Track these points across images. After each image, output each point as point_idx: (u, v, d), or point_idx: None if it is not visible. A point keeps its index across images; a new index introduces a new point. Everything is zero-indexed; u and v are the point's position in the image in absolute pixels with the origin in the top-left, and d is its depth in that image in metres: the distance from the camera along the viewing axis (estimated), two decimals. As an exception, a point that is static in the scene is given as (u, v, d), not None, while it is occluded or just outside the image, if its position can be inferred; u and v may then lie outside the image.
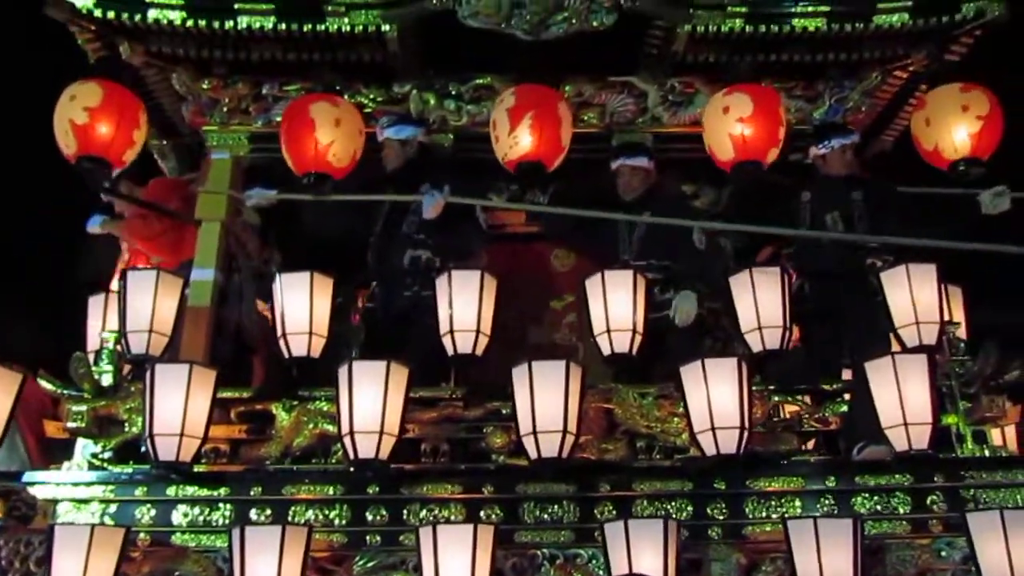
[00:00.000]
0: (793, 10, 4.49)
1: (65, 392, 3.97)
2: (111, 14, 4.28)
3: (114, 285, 4.78)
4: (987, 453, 3.96)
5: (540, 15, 4.41)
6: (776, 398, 4.06)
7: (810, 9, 4.52)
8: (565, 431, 3.62)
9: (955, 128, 4.28)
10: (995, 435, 4.27)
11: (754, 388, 3.95)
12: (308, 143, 4.00)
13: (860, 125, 4.93)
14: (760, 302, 4.03)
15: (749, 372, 3.73)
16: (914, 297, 4.01)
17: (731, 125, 4.09)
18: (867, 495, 3.76)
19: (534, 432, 3.63)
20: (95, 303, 4.59)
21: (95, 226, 4.82)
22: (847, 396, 4.08)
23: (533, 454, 3.65)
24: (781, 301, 4.04)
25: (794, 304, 4.18)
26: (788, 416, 4.06)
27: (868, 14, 4.50)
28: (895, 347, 4.06)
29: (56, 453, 4.21)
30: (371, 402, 3.64)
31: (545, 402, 3.65)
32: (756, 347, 4.03)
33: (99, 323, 4.47)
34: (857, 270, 4.31)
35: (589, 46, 4.59)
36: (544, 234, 4.97)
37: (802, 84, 4.83)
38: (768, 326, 4.01)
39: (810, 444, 4.15)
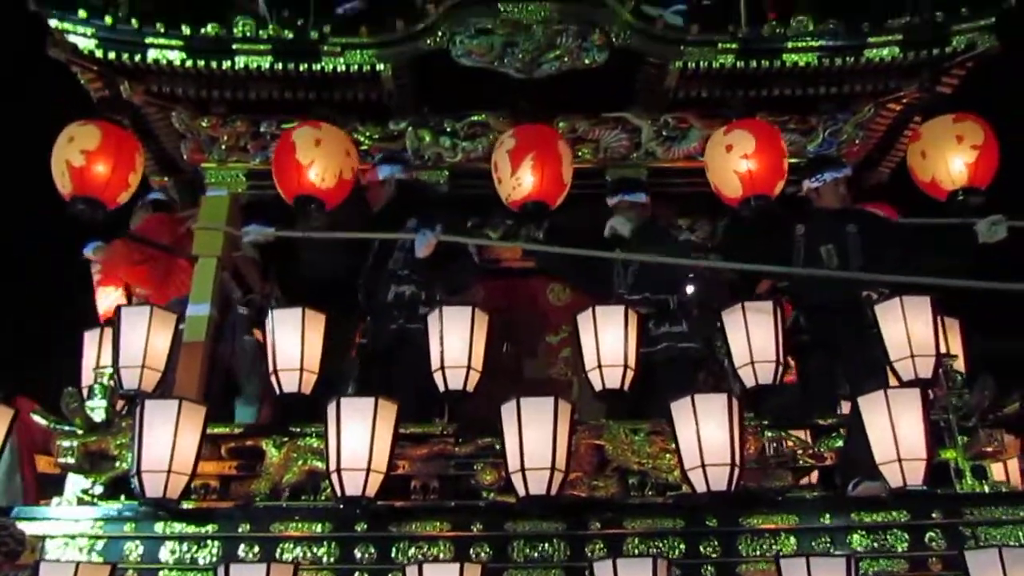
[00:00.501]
0: (784, 45, 4.52)
1: (57, 427, 3.99)
2: (112, 55, 4.38)
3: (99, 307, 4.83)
4: (987, 489, 3.88)
5: (532, 54, 4.49)
6: (769, 433, 4.00)
7: (801, 44, 4.56)
8: (553, 468, 3.58)
9: (951, 158, 4.30)
10: (996, 470, 4.18)
11: (747, 423, 3.93)
12: (290, 167, 4.07)
13: (855, 157, 4.95)
14: (753, 336, 4.01)
15: (741, 408, 3.69)
16: (909, 330, 3.97)
17: (735, 162, 4.12)
18: (863, 532, 3.68)
19: (522, 469, 3.60)
20: (90, 338, 4.62)
21: (90, 252, 4.87)
22: (843, 431, 4.03)
23: (521, 491, 3.60)
24: (774, 335, 4.01)
25: (789, 337, 4.18)
26: (782, 452, 4.00)
27: (859, 48, 4.53)
28: (891, 380, 4.02)
29: (48, 488, 4.21)
30: (359, 439, 3.62)
31: (533, 439, 3.61)
32: (749, 382, 4.00)
33: (94, 358, 4.49)
34: (852, 303, 4.27)
35: (582, 83, 4.64)
36: (539, 269, 4.98)
37: (795, 118, 4.85)
38: (761, 361, 3.98)
39: (809, 479, 4.11)
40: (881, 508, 3.70)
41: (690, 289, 4.64)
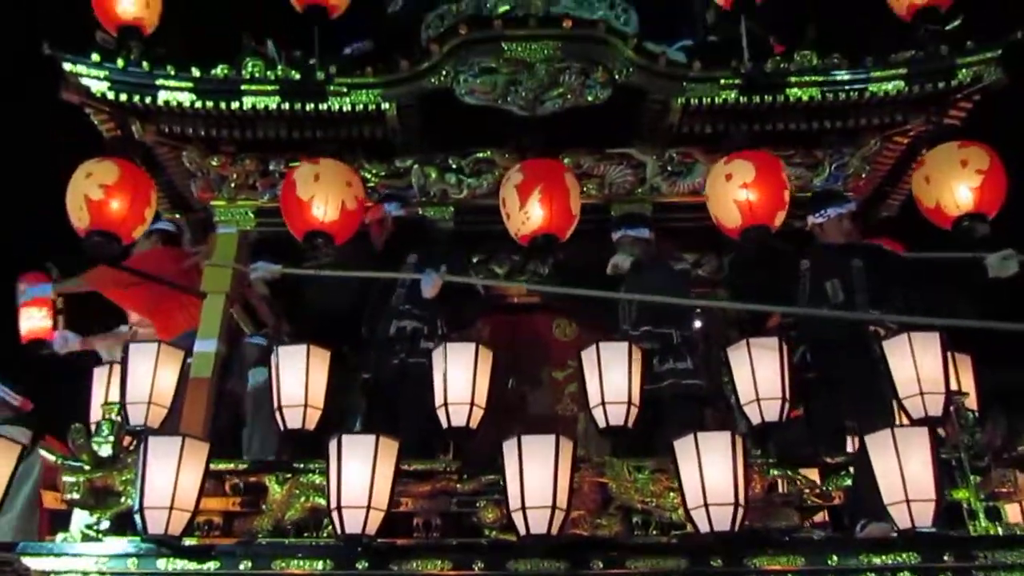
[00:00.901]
0: (787, 80, 4.52)
1: (65, 463, 4.03)
2: (124, 97, 4.48)
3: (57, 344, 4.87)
4: (1000, 531, 3.79)
5: (535, 91, 4.53)
6: (775, 472, 3.94)
7: (804, 79, 4.56)
8: (554, 507, 3.55)
9: (956, 184, 4.25)
10: (1011, 511, 4.08)
11: (753, 461, 3.88)
12: (294, 205, 4.14)
13: (862, 191, 4.92)
14: (758, 373, 3.98)
15: (745, 446, 3.65)
16: (918, 366, 3.89)
17: (735, 192, 4.11)
18: (872, 574, 3.59)
19: (523, 508, 3.57)
20: (99, 374, 4.67)
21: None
22: (851, 469, 3.96)
23: (522, 530, 3.58)
24: (779, 372, 3.98)
25: (796, 373, 4.14)
26: (788, 491, 3.93)
27: (862, 83, 4.52)
28: (900, 418, 3.96)
29: (58, 524, 4.24)
30: (360, 476, 3.61)
31: (534, 477, 3.59)
32: (755, 419, 3.96)
33: (102, 394, 4.54)
34: (859, 338, 4.22)
35: (586, 119, 4.67)
36: (545, 304, 4.98)
37: (800, 151, 4.84)
38: (766, 398, 3.95)
39: (815, 519, 4.03)
40: (890, 550, 3.62)
41: (697, 324, 4.62)
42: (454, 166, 4.89)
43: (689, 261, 4.99)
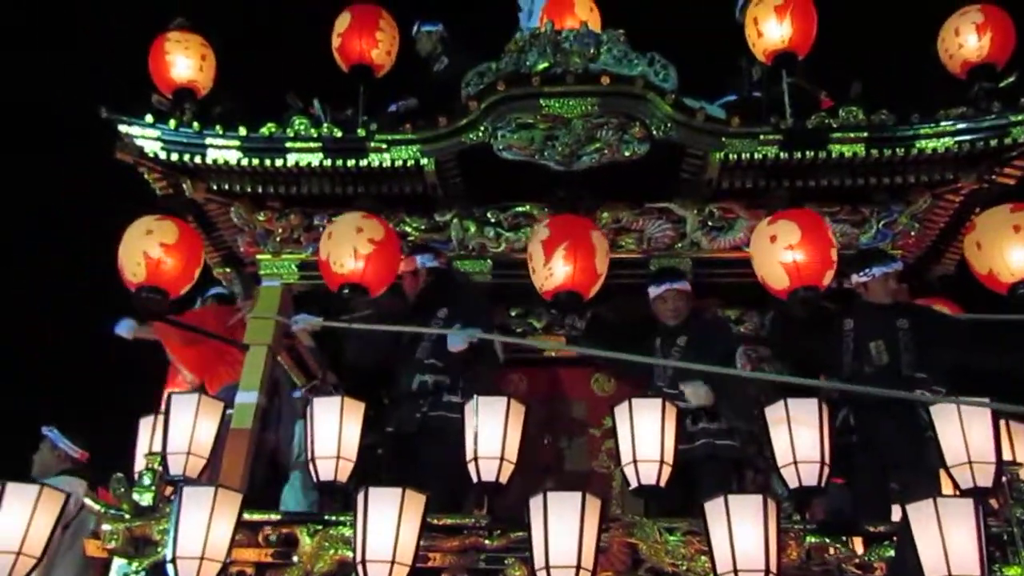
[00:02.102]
0: (829, 136, 4.45)
1: (107, 511, 4.13)
2: (175, 156, 4.66)
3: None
4: (1055, 609, 3.57)
5: (572, 147, 4.54)
6: (813, 539, 3.80)
7: (850, 135, 4.47)
8: (579, 567, 3.49)
9: (1008, 250, 4.11)
10: (1069, 589, 3.84)
11: (790, 527, 3.76)
12: (321, 263, 4.33)
13: (913, 249, 4.78)
14: (796, 435, 3.87)
15: (778, 511, 3.53)
16: (966, 435, 3.74)
17: (780, 253, 4.06)
18: (913, 653, 3.43)
19: (547, 567, 3.52)
20: (145, 424, 4.80)
21: (123, 330, 5.05)
22: (895, 539, 3.79)
23: (547, 590, 3.52)
24: (819, 435, 3.86)
25: (838, 437, 4.01)
26: (826, 559, 3.78)
27: (910, 140, 4.42)
28: (948, 487, 3.79)
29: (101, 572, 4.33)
30: (385, 530, 3.61)
31: (560, 535, 3.54)
32: (792, 483, 3.85)
33: (146, 444, 4.65)
34: (905, 401, 4.07)
35: (624, 173, 4.66)
36: (584, 359, 4.94)
37: (846, 208, 4.74)
38: (804, 461, 3.83)
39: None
40: (934, 626, 3.43)
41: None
42: (493, 220, 4.93)
43: (733, 319, 4.91)
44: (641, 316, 4.68)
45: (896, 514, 3.98)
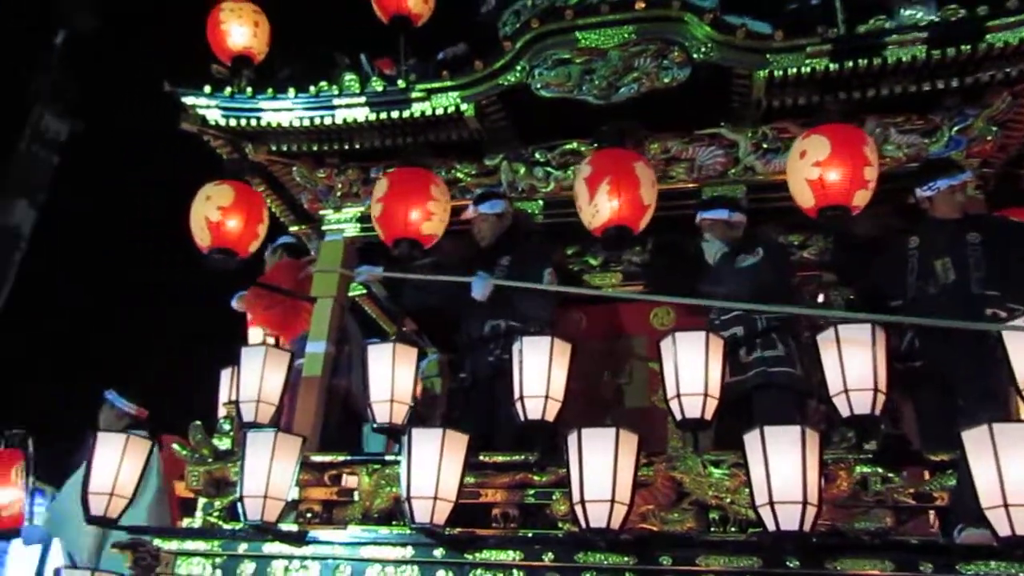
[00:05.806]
0: (884, 41, 4.12)
1: (190, 455, 4.50)
2: (233, 122, 4.88)
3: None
4: None
5: (609, 79, 4.42)
6: (866, 469, 3.64)
7: (908, 37, 4.13)
8: (614, 500, 3.51)
9: None
10: None
11: (841, 457, 3.63)
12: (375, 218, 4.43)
13: (992, 156, 4.37)
14: (847, 362, 3.69)
15: (821, 442, 3.40)
16: (1039, 354, 3.47)
17: (807, 170, 3.84)
18: (968, 585, 3.26)
19: (583, 501, 3.56)
20: (225, 376, 5.14)
21: (235, 302, 5.41)
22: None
23: (583, 523, 3.57)
24: (872, 362, 3.66)
25: (902, 362, 3.80)
26: (881, 490, 3.62)
27: (976, 35, 4.03)
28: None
29: (188, 510, 4.74)
30: (428, 468, 3.76)
31: (594, 470, 3.57)
32: (844, 412, 3.69)
33: (226, 394, 5.00)
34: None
35: (669, 101, 4.50)
36: (643, 294, 4.87)
37: (913, 117, 4.39)
38: (856, 389, 3.66)
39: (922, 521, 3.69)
40: (990, 558, 3.25)
41: None
42: (541, 160, 4.89)
43: (796, 244, 4.70)
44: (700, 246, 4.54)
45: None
